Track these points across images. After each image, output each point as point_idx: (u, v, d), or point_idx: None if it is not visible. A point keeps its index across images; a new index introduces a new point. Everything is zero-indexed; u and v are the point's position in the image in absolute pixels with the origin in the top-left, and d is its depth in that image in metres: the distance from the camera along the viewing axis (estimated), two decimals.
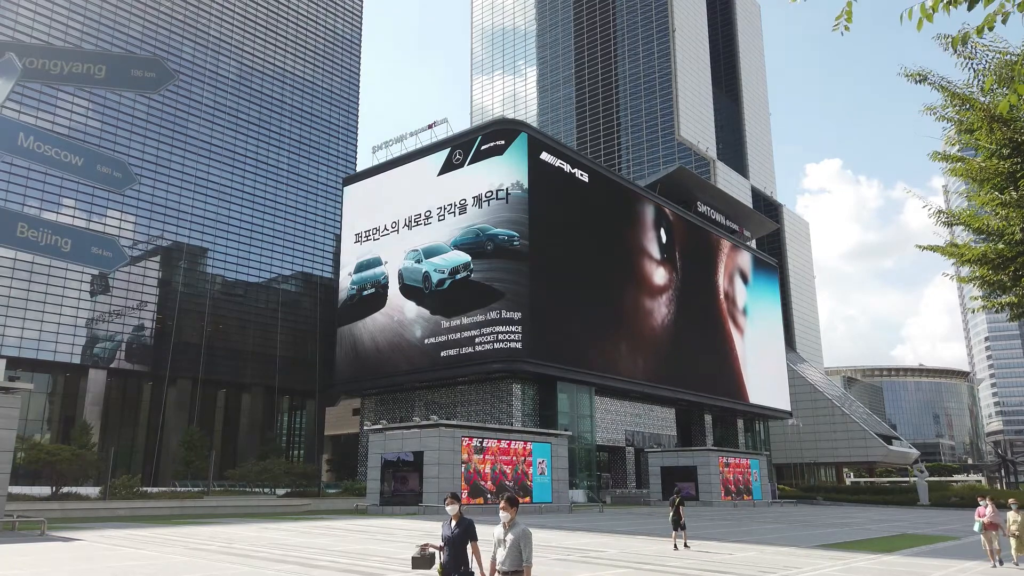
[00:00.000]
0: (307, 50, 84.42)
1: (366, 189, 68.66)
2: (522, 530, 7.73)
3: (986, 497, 19.19)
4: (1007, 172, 14.39)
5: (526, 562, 7.64)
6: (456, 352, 56.20)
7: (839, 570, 17.07)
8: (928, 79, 14.52)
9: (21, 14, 61.84)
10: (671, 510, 21.97)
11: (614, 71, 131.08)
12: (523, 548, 7.66)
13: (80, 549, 19.02)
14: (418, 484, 37.81)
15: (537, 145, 58.99)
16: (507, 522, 7.80)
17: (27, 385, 28.03)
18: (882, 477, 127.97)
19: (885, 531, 31.36)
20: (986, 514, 17.98)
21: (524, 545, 7.66)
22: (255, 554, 18.21)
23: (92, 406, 61.93)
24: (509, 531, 7.76)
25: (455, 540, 8.22)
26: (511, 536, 7.72)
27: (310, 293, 79.36)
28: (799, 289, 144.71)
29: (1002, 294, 16.19)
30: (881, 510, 56.03)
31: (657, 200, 71.97)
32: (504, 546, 7.74)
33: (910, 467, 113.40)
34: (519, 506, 7.96)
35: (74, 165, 13.97)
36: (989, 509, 18.03)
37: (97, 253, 14.42)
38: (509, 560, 7.66)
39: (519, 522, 7.82)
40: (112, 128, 65.70)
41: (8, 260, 57.38)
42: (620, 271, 64.85)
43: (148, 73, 15.08)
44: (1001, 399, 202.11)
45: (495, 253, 56.74)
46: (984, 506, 18.24)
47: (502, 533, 7.81)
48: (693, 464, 55.30)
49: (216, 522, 30.23)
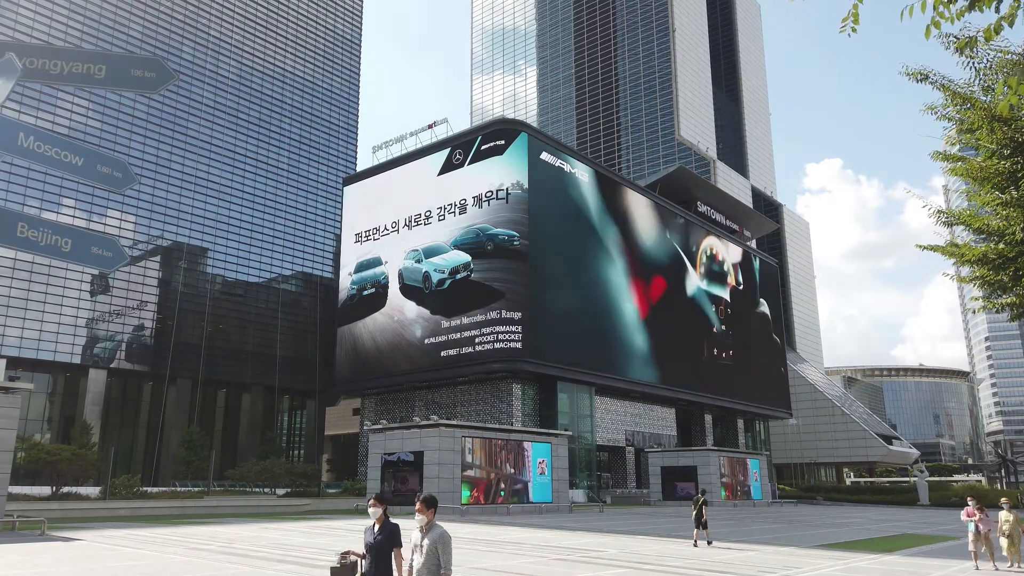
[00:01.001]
0: (307, 50, 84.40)
1: (366, 189, 68.65)
2: (439, 534, 7.09)
3: (973, 499, 18.76)
4: (1008, 172, 14.37)
5: (444, 569, 7.00)
6: (456, 352, 56.19)
7: (839, 570, 17.06)
8: (929, 78, 14.51)
9: (21, 14, 61.82)
10: (694, 509, 23.07)
11: (614, 71, 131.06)
12: (441, 554, 7.03)
13: (80, 549, 19.01)
14: (418, 484, 37.78)
15: (537, 145, 58.97)
16: (423, 525, 7.17)
17: (27, 385, 28.03)
18: (882, 477, 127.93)
19: (885, 531, 31.35)
20: (976, 516, 17.85)
21: (442, 551, 7.03)
22: (255, 554, 18.21)
23: (92, 406, 61.91)
24: (426, 535, 7.12)
25: (378, 547, 7.54)
26: (427, 541, 7.08)
27: (310, 293, 79.35)
28: (799, 289, 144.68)
29: (1002, 294, 16.16)
30: (881, 510, 56.01)
31: (657, 200, 71.95)
32: (421, 552, 7.10)
33: (910, 467, 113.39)
34: (437, 507, 7.31)
35: (74, 165, 13.97)
36: (979, 516, 17.84)
37: (97, 253, 14.41)
38: (426, 568, 7.04)
39: (437, 525, 7.19)
40: (112, 128, 65.69)
41: (8, 260, 57.37)
42: (620, 271, 64.83)
43: (148, 73, 15.07)
44: (1001, 399, 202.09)
45: (495, 253, 56.73)
46: (974, 509, 18.02)
47: (419, 538, 7.17)
48: (693, 464, 55.26)
49: (216, 522, 30.23)
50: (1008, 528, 17.66)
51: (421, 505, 7.22)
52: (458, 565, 16.56)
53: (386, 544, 7.55)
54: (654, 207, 70.93)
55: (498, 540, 23.11)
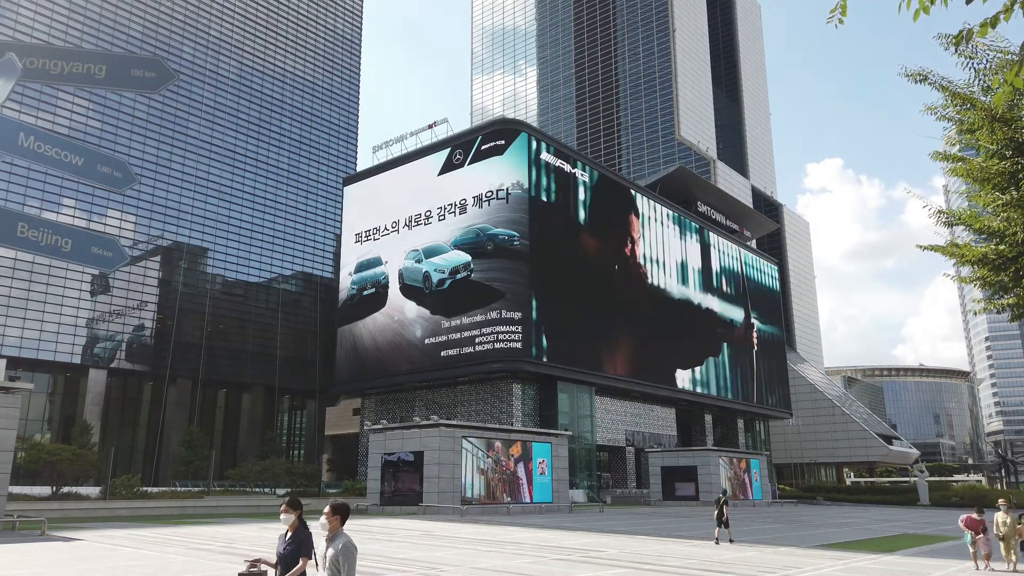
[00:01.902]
0: (307, 50, 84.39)
1: (366, 189, 68.66)
2: (343, 545, 6.32)
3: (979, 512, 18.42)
4: (1008, 172, 14.36)
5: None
6: (456, 352, 56.19)
7: (839, 570, 17.05)
8: (929, 79, 14.50)
9: (21, 14, 61.82)
10: (716, 509, 24.23)
11: (614, 71, 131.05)
12: (342, 567, 6.24)
13: (80, 549, 19.00)
14: (418, 484, 37.81)
15: (537, 145, 59.00)
16: (328, 535, 6.46)
17: (27, 385, 28.03)
18: (882, 477, 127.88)
19: (885, 531, 31.35)
20: (978, 534, 17.72)
21: (344, 563, 6.24)
22: (255, 554, 18.18)
23: (92, 406, 61.92)
24: (329, 545, 6.39)
25: (286, 558, 6.91)
26: (331, 551, 6.34)
27: (310, 293, 79.33)
28: (799, 289, 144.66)
29: (1003, 295, 16.15)
30: (881, 510, 56.00)
31: (657, 200, 71.96)
32: (324, 565, 6.38)
33: (910, 467, 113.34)
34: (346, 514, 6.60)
35: (74, 165, 13.96)
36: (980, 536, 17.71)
37: (97, 253, 14.40)
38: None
39: (343, 535, 6.44)
40: (112, 128, 65.67)
41: (8, 260, 57.37)
42: (620, 271, 64.82)
43: (148, 73, 15.06)
44: (1001, 399, 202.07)
45: (495, 253, 56.73)
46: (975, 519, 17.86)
47: (323, 548, 6.45)
48: (693, 464, 55.26)
49: (216, 522, 30.24)
50: (1005, 530, 17.46)
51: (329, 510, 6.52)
52: (458, 565, 16.56)
53: (294, 554, 6.91)
54: (654, 207, 70.93)
55: (498, 540, 23.11)
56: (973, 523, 17.74)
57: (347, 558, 6.27)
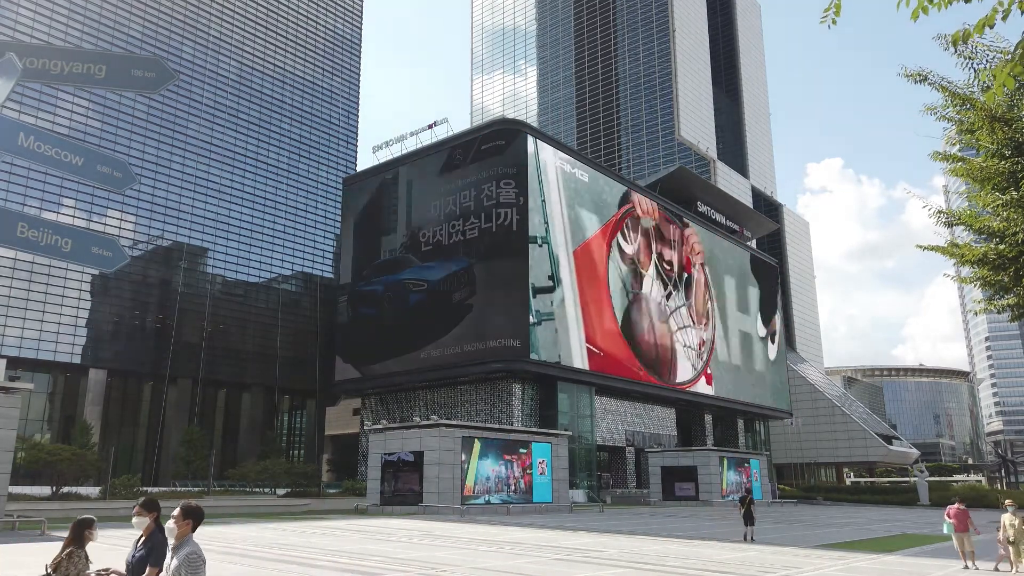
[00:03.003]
0: (307, 50, 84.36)
1: (366, 189, 68.68)
2: (186, 555, 5.65)
3: (956, 498, 18.96)
4: (1008, 172, 14.36)
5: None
6: (456, 352, 56.18)
7: (839, 570, 17.06)
8: (928, 79, 14.51)
9: (21, 14, 61.80)
10: (741, 508, 25.89)
11: (614, 71, 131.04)
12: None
13: None
14: (418, 484, 37.82)
15: (537, 145, 59.00)
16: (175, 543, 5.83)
17: (27, 385, 28.04)
18: (882, 477, 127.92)
19: (885, 531, 31.37)
20: (953, 514, 17.89)
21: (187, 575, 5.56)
22: (255, 554, 18.21)
23: (92, 406, 61.90)
24: (175, 555, 5.72)
25: (135, 566, 6.29)
26: (175, 562, 5.64)
27: (310, 293, 79.30)
28: (799, 289, 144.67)
29: (1003, 295, 16.14)
30: (881, 510, 56.01)
31: (658, 200, 71.95)
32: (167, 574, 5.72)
33: (910, 467, 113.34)
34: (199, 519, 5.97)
35: (74, 165, 13.97)
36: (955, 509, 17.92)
37: (97, 253, 14.39)
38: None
39: (191, 542, 5.81)
40: (112, 128, 65.65)
41: (8, 260, 57.35)
42: (621, 271, 64.81)
43: (148, 73, 15.05)
44: (1001, 399, 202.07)
45: (496, 253, 56.70)
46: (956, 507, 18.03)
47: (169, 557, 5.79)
48: (693, 464, 55.27)
49: (216, 522, 30.23)
50: (1013, 533, 16.80)
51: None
52: (458, 565, 16.55)
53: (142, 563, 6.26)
54: (654, 207, 70.93)
55: (498, 540, 23.11)
56: (959, 515, 17.80)
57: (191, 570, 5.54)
